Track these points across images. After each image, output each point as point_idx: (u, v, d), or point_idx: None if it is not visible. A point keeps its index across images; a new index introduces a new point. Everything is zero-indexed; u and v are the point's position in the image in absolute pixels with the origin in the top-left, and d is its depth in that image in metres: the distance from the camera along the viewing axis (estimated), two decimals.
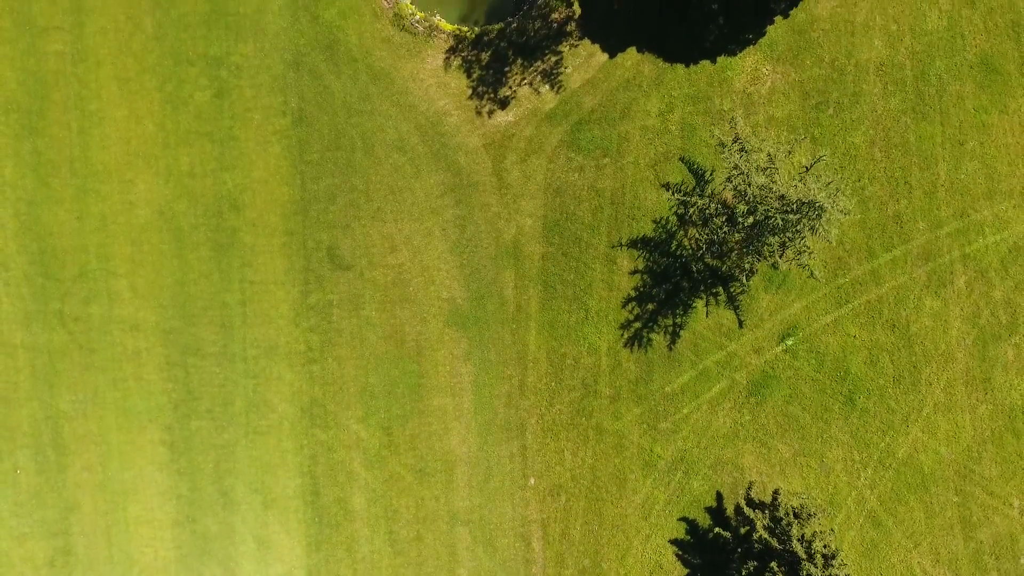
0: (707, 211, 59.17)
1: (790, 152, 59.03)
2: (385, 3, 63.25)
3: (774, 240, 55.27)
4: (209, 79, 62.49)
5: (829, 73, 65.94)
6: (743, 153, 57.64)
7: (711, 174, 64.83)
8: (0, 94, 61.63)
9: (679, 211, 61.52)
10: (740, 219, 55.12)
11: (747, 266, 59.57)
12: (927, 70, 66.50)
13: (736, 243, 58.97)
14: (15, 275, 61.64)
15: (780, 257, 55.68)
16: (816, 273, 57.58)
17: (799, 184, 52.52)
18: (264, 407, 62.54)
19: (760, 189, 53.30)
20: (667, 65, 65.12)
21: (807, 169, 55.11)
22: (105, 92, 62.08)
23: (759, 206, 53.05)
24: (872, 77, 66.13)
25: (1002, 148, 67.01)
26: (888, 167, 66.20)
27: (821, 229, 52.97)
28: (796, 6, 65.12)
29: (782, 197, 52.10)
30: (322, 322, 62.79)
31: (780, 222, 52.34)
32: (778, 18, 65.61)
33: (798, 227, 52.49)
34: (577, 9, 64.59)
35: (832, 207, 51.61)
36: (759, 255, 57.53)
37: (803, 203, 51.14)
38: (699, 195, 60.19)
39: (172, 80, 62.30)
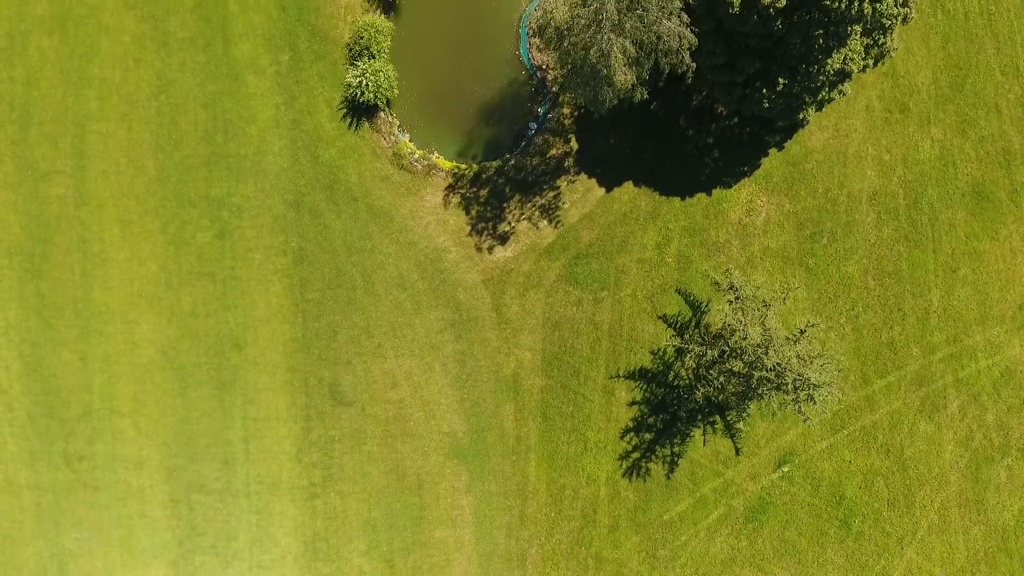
0: (704, 359, 58.07)
1: (784, 299, 58.04)
2: (384, 142, 62.13)
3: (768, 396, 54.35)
4: (211, 220, 61.36)
5: (823, 203, 64.94)
6: (738, 300, 56.61)
7: (707, 305, 63.80)
8: (3, 238, 60.48)
9: (676, 347, 60.29)
10: (736, 375, 54.05)
11: (742, 415, 58.66)
12: (920, 199, 65.52)
13: (733, 393, 57.94)
14: (19, 415, 60.55)
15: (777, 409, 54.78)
16: (811, 420, 56.56)
17: (793, 359, 51.41)
18: (267, 541, 61.45)
19: (756, 348, 52.20)
20: (663, 198, 64.11)
21: (801, 332, 53.98)
22: (107, 234, 60.97)
23: (755, 372, 51.99)
24: (865, 207, 65.12)
25: (993, 274, 66.02)
26: (882, 295, 65.18)
27: (813, 407, 52.28)
28: (790, 138, 64.28)
29: (777, 366, 50.98)
30: (324, 457, 61.67)
31: (772, 394, 51.51)
32: (772, 150, 64.78)
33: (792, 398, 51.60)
34: (575, 145, 63.49)
35: (825, 388, 50.75)
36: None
37: (797, 381, 50.13)
38: (697, 342, 59.03)
39: (174, 221, 61.17)
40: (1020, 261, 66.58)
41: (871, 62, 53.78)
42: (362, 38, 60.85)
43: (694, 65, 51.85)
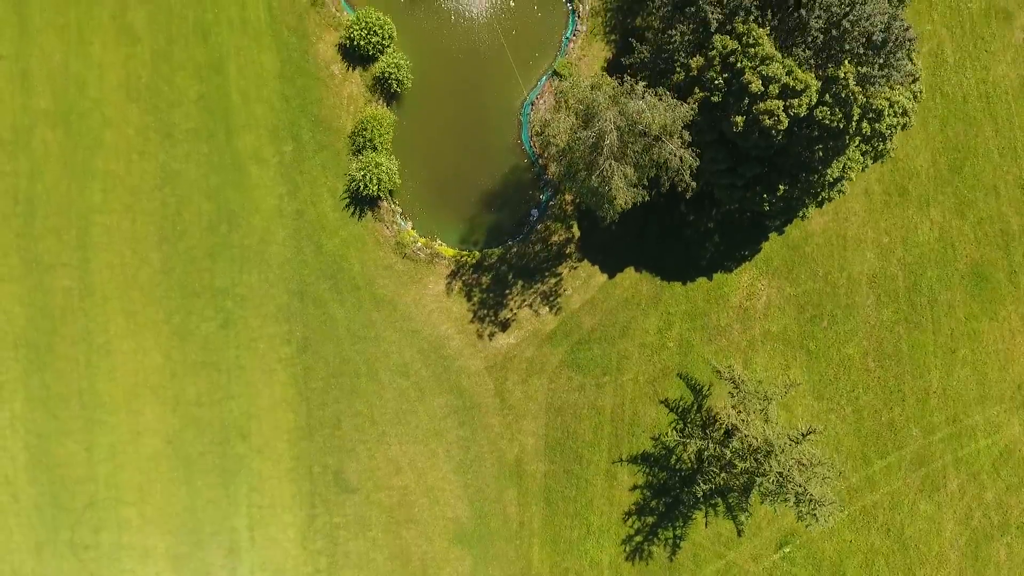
0: (706, 452, 57.34)
1: (786, 393, 57.37)
2: (387, 231, 61.39)
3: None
4: (215, 310, 60.59)
5: (823, 286, 64.26)
6: (739, 391, 55.97)
7: (708, 389, 63.10)
8: (9, 330, 59.67)
9: (678, 441, 59.53)
10: (738, 474, 53.40)
11: (744, 507, 57.97)
12: (919, 281, 64.89)
13: (734, 488, 57.23)
14: (25, 506, 59.77)
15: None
16: (812, 527, 55.69)
17: (795, 468, 50.73)
18: None
19: (757, 452, 51.54)
20: (665, 283, 63.46)
21: (803, 436, 53.26)
22: (112, 326, 60.16)
23: (757, 478, 51.33)
24: (865, 289, 64.46)
25: (992, 355, 65.40)
26: (882, 376, 64.52)
27: (815, 521, 51.72)
28: (790, 223, 63.52)
29: (780, 476, 50.28)
30: (329, 544, 60.92)
31: (774, 497, 50.93)
32: (773, 234, 64.03)
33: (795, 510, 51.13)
34: (576, 231, 62.75)
35: (827, 505, 50.17)
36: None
37: (800, 496, 49.48)
38: (699, 436, 58.29)
39: (179, 312, 60.39)
40: (1019, 341, 65.93)
41: (869, 162, 53.05)
42: (364, 131, 60.10)
43: (695, 184, 51.14)
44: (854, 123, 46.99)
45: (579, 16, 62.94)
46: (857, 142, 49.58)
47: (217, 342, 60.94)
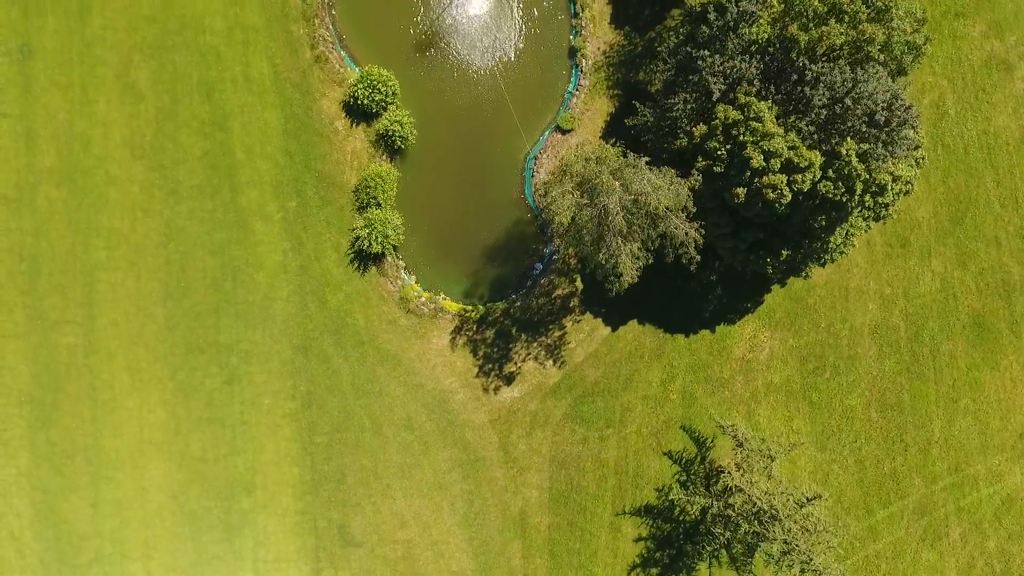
0: (709, 511, 56.87)
1: (789, 452, 56.96)
2: (391, 286, 60.95)
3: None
4: (219, 366, 60.13)
5: (825, 338, 63.84)
6: (742, 449, 55.57)
7: (712, 441, 62.64)
8: (14, 387, 59.23)
9: (681, 500, 59.04)
10: (743, 533, 53.01)
11: (748, 567, 57.58)
12: (921, 331, 64.46)
13: (739, 544, 56.81)
14: (31, 562, 59.35)
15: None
16: None
17: (799, 534, 50.31)
18: None
19: (761, 514, 51.11)
20: (668, 336, 63.00)
21: (808, 500, 52.82)
22: (117, 382, 59.75)
23: (760, 543, 50.92)
24: (867, 340, 64.01)
25: (994, 404, 64.97)
26: (884, 427, 64.11)
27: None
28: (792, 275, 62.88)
29: (785, 544, 49.88)
30: None
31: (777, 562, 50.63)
32: (775, 286, 63.51)
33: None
34: (580, 284, 62.29)
35: (829, 572, 49.86)
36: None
37: (804, 565, 49.15)
38: (702, 494, 57.83)
39: (183, 368, 59.91)
40: (1020, 390, 65.51)
41: (872, 224, 52.63)
42: (368, 188, 59.64)
43: (699, 258, 50.73)
44: (857, 196, 46.60)
45: (582, 71, 62.51)
46: (860, 209, 49.14)
47: (222, 398, 60.49)
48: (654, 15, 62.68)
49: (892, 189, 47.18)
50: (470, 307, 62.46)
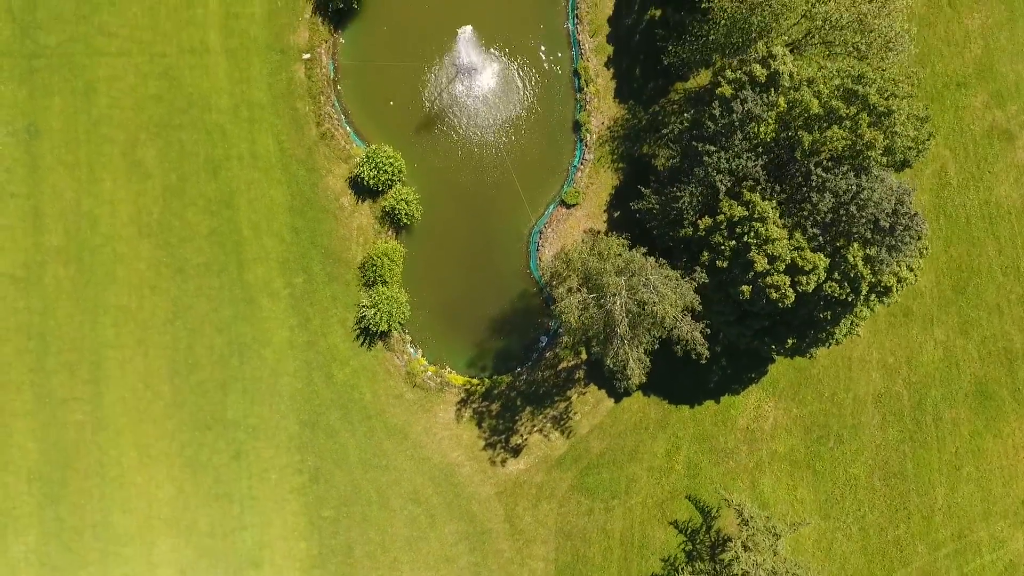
0: None
1: (794, 530, 56.51)
2: (397, 360, 60.50)
3: None
4: (227, 442, 59.71)
5: (829, 407, 63.45)
6: (748, 525, 55.12)
7: (717, 511, 62.10)
8: (22, 464, 58.79)
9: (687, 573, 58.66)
10: None
11: None
12: (924, 399, 64.07)
13: None
14: None
15: None
16: None
17: None
18: None
19: None
20: (672, 407, 62.60)
21: None
22: (125, 459, 59.37)
23: None
24: (871, 409, 63.61)
25: (997, 470, 64.60)
26: (887, 495, 63.71)
27: None
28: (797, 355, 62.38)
29: None
30: None
31: None
32: (779, 357, 62.97)
33: None
34: (584, 357, 61.83)
35: None
36: None
37: None
38: (708, 568, 57.38)
39: (191, 445, 59.50)
40: (1023, 457, 65.02)
41: (876, 308, 52.16)
42: (374, 266, 59.11)
43: (708, 354, 50.29)
44: (862, 296, 46.18)
45: (586, 145, 62.04)
46: (865, 305, 48.73)
47: (229, 473, 60.03)
48: (658, 89, 62.22)
49: (898, 289, 46.76)
50: (476, 380, 61.99)
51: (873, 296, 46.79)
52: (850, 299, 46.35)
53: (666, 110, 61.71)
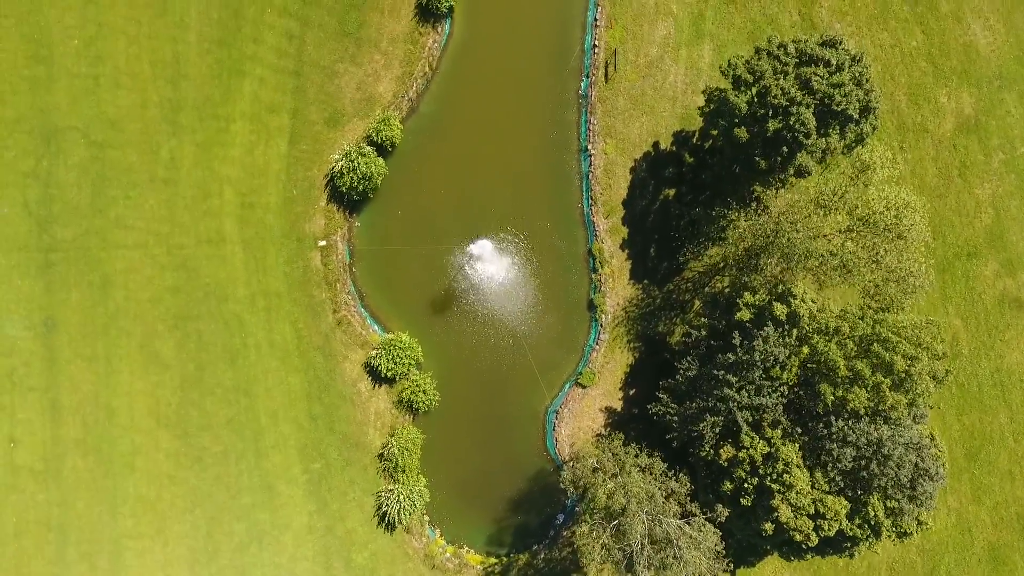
0: None
1: None
2: (416, 543, 59.09)
3: None
4: None
5: (844, 575, 61.77)
6: None
7: None
8: None
9: None
10: None
11: None
12: (937, 567, 63.00)
13: None
14: None
15: None
16: None
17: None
18: None
19: None
20: None
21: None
22: None
23: None
24: (885, 575, 62.10)
25: None
26: None
27: None
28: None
29: None
30: None
31: None
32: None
33: None
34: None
35: None
36: None
37: None
38: None
39: None
40: None
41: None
42: (392, 455, 57.56)
43: None
44: (883, 537, 44.89)
45: (601, 326, 60.57)
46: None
47: None
48: (672, 268, 60.72)
49: (917, 532, 45.44)
50: (494, 559, 60.48)
51: (894, 535, 45.48)
52: (870, 539, 45.10)
53: (680, 288, 60.28)
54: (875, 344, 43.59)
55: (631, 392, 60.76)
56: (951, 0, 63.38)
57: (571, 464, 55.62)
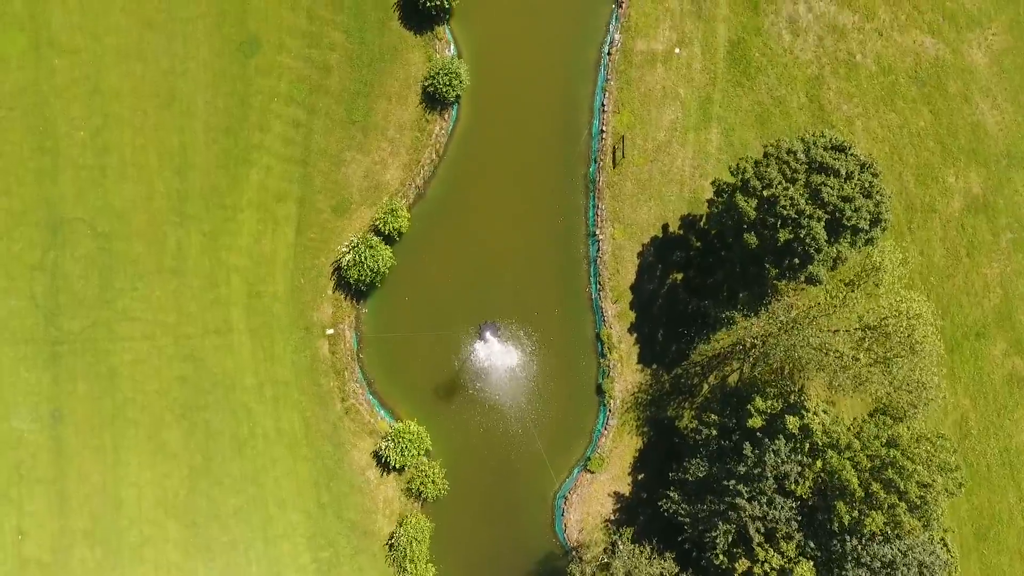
0: None
1: None
2: None
3: None
4: None
5: None
6: None
7: None
8: None
9: None
10: None
11: None
12: None
13: None
14: None
15: None
16: None
17: None
18: None
19: None
20: None
21: None
22: None
23: None
24: None
25: None
26: None
27: None
28: None
29: None
30: None
31: None
32: None
33: None
34: None
35: None
36: None
37: None
38: None
39: None
40: None
41: None
42: (401, 546, 56.70)
43: None
44: None
45: (610, 411, 59.76)
46: None
47: None
48: (681, 352, 59.86)
49: None
50: None
51: None
52: None
53: (689, 372, 59.42)
54: (889, 469, 42.81)
55: (640, 477, 59.90)
56: (959, 80, 62.51)
57: (579, 560, 54.72)
